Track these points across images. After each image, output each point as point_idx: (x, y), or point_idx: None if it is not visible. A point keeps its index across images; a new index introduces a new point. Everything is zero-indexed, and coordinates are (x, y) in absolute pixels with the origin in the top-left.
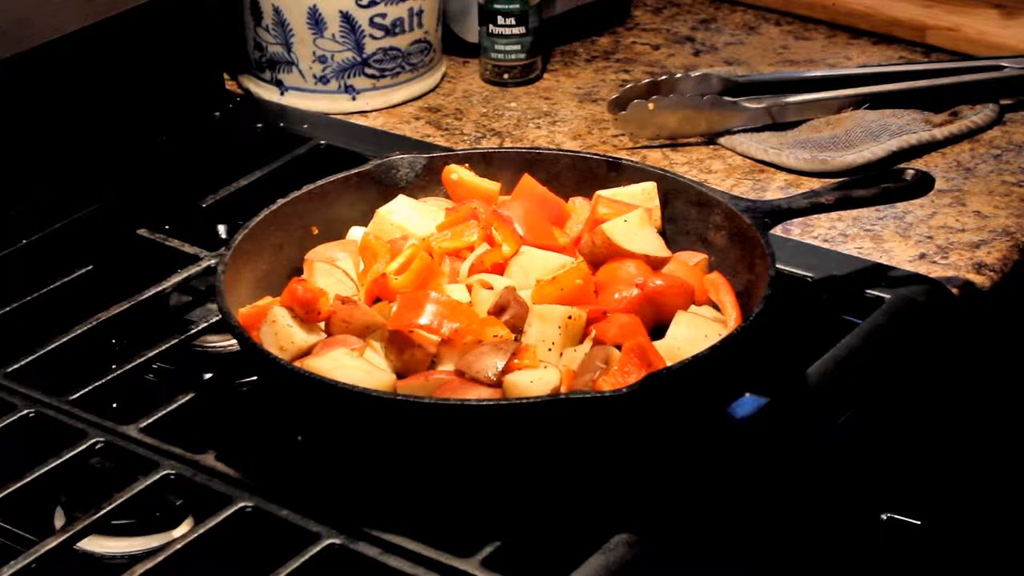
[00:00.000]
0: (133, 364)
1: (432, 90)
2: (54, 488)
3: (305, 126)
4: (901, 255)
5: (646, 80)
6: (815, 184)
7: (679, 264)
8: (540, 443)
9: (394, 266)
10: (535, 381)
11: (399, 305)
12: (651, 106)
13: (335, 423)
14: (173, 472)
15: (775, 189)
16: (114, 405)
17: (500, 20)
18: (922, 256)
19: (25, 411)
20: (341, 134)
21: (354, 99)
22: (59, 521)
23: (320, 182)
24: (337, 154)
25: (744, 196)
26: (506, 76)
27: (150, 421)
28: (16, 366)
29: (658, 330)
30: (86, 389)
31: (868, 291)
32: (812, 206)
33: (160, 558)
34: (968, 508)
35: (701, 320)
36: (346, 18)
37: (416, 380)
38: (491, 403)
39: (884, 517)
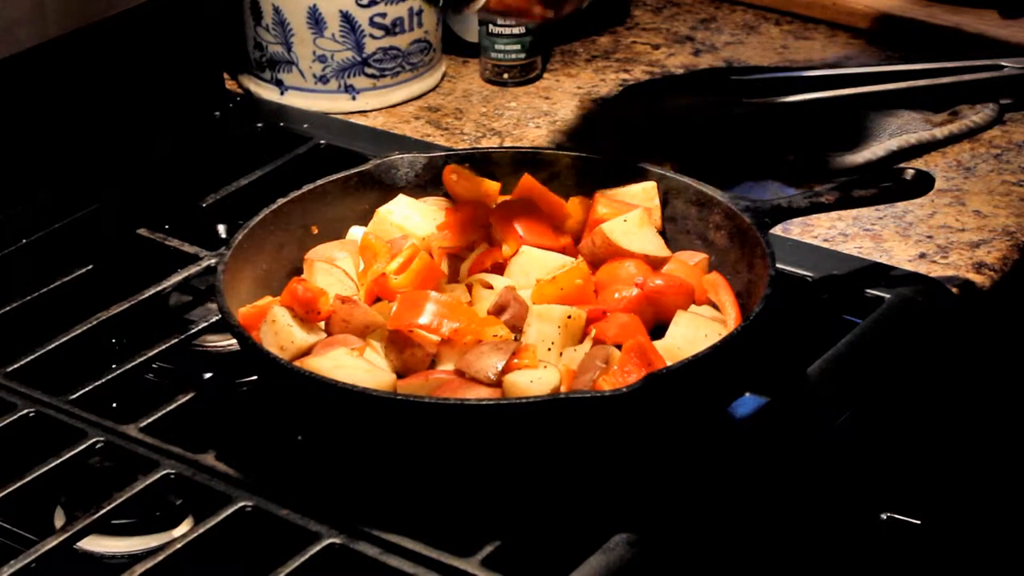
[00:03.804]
0: (133, 364)
1: (432, 90)
2: (54, 488)
3: (305, 126)
4: (901, 255)
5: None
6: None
7: (679, 264)
8: (540, 443)
9: (394, 266)
10: (535, 381)
11: (399, 305)
12: None
13: (335, 423)
14: (173, 472)
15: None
16: (114, 405)
17: (500, 20)
18: (922, 256)
19: (25, 411)
20: (341, 134)
21: (354, 99)
22: (59, 521)
23: (320, 182)
24: (337, 154)
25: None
26: (506, 76)
27: (150, 421)
28: (16, 366)
29: (658, 330)
30: (86, 389)
31: (868, 291)
32: (812, 206)
33: (160, 558)
34: (968, 508)
35: (701, 320)
36: (346, 18)
37: (416, 380)
38: (491, 403)
39: (884, 517)
